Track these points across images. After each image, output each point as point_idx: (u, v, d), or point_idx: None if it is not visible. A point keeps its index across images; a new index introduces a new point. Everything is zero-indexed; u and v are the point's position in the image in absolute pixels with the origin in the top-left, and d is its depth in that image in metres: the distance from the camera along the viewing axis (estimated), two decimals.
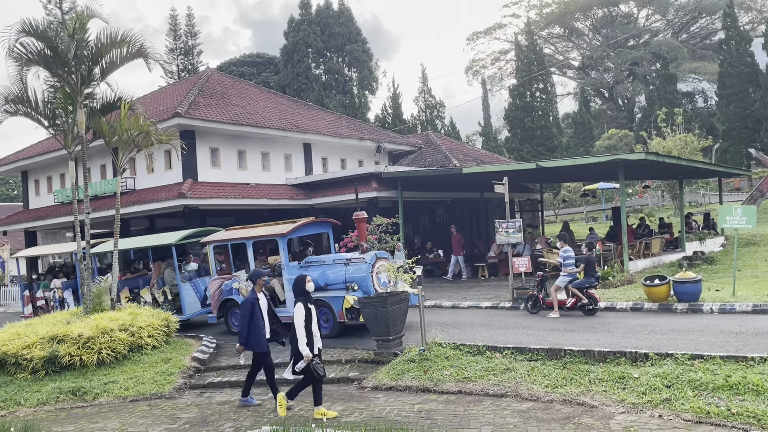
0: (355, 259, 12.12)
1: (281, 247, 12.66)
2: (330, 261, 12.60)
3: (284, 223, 13.28)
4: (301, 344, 7.52)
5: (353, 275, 11.85)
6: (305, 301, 7.74)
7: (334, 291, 11.96)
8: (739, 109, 43.03)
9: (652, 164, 17.86)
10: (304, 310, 7.62)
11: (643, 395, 7.05)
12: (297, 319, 7.59)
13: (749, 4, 61.75)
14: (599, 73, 66.84)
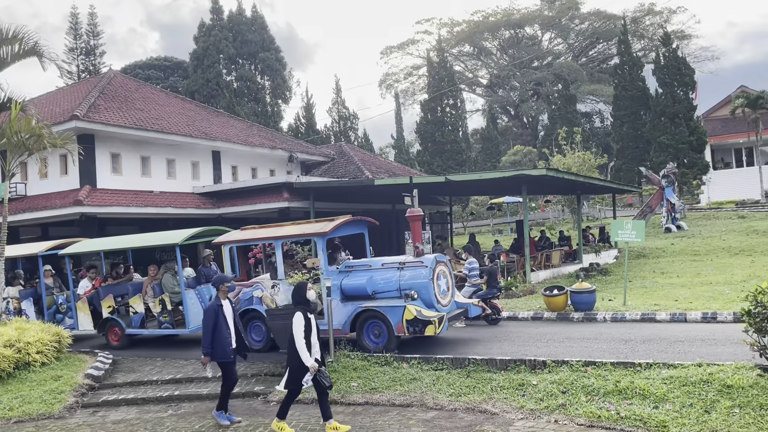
0: (411, 263, 10.66)
1: (320, 248, 10.94)
2: (378, 265, 11.00)
3: (322, 221, 11.59)
4: (303, 355, 7.06)
5: (411, 281, 10.33)
6: (305, 310, 7.30)
7: (386, 300, 10.39)
8: (631, 130, 46.09)
9: (552, 180, 18.79)
10: (304, 319, 7.18)
11: (541, 401, 7.34)
12: (296, 330, 7.13)
13: (642, 33, 66.47)
14: (506, 92, 69.62)
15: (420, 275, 10.37)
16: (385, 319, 10.20)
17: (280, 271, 11.22)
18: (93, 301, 13.37)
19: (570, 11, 67.44)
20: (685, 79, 43.52)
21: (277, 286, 11.07)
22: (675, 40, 55.24)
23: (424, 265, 10.49)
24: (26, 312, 14.26)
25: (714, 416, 6.16)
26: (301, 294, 7.47)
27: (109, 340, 13.20)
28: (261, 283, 11.44)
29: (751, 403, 6.23)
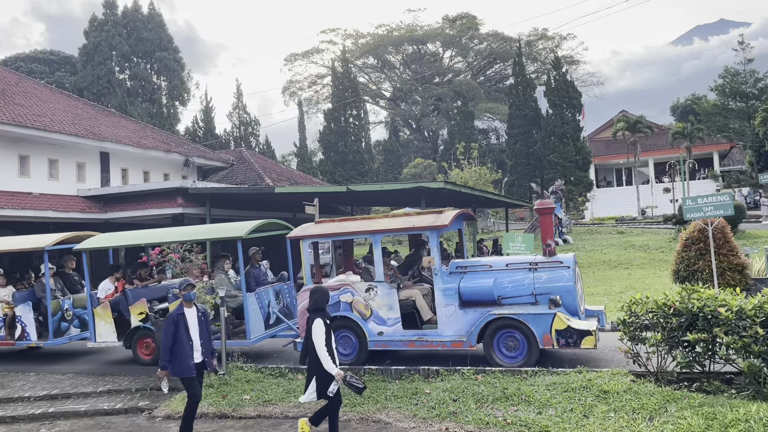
0: (547, 263, 9.19)
1: (434, 244, 9.48)
2: (501, 265, 9.53)
3: (432, 213, 10.19)
4: (327, 364, 6.44)
5: (550, 285, 8.90)
6: (324, 316, 6.65)
7: (518, 306, 8.97)
8: (524, 148, 48.42)
9: (450, 193, 19.32)
10: (324, 326, 6.55)
11: (433, 409, 7.45)
12: (317, 337, 6.47)
13: (535, 56, 70.26)
14: (408, 106, 71.07)
15: (562, 277, 8.94)
16: (525, 329, 8.68)
17: (379, 271, 9.73)
18: (117, 306, 11.30)
19: (470, 31, 70.13)
20: (573, 102, 46.39)
21: (373, 289, 9.63)
22: (565, 64, 58.82)
23: (565, 265, 9.09)
24: (22, 320, 11.85)
25: (592, 420, 6.51)
26: (325, 300, 6.75)
27: (138, 354, 11.06)
28: (351, 287, 9.86)
29: (625, 407, 6.64)
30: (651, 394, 6.81)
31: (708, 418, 5.96)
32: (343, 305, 9.73)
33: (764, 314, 6.51)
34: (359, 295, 9.69)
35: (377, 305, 9.53)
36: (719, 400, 6.40)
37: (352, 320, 9.64)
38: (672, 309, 7.15)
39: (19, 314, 11.88)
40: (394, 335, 9.43)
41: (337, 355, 9.23)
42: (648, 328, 7.45)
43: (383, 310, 9.50)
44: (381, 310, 9.52)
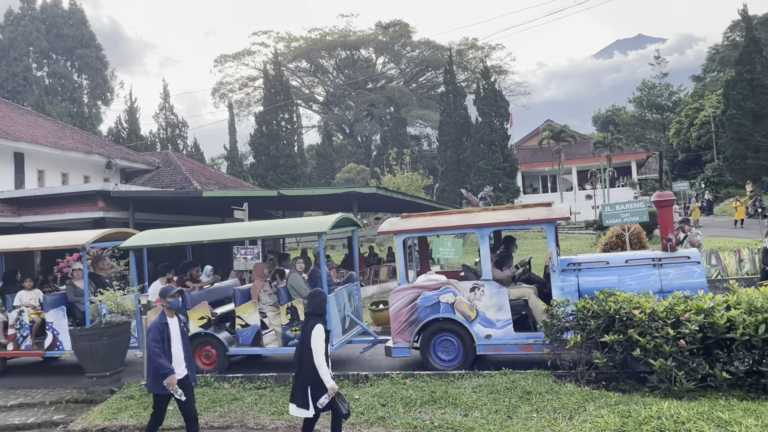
0: (671, 259, 8.50)
1: (551, 238, 8.95)
2: (619, 261, 8.77)
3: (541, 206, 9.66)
4: (324, 374, 6.02)
5: (680, 281, 8.18)
6: (324, 322, 6.23)
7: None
8: (454, 154, 49.34)
9: (382, 198, 19.44)
10: (325, 332, 6.14)
11: (362, 415, 7.44)
12: (317, 344, 6.03)
13: (466, 65, 71.83)
14: (341, 110, 71.09)
15: (692, 273, 8.32)
16: None
17: (486, 267, 9.04)
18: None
19: (402, 38, 70.94)
20: (501, 111, 47.71)
21: (479, 288, 8.97)
22: (493, 74, 60.43)
23: (694, 260, 8.44)
24: (54, 327, 10.58)
25: (515, 421, 6.68)
26: (320, 302, 6.32)
27: (197, 363, 9.84)
28: (454, 286, 9.13)
29: (547, 407, 6.86)
30: (571, 394, 7.06)
31: (623, 416, 6.23)
32: (444, 306, 9.03)
33: (675, 316, 6.88)
34: (463, 295, 9.00)
35: (484, 306, 8.88)
36: (634, 399, 6.71)
37: (455, 323, 8.96)
38: (591, 311, 7.44)
39: (51, 320, 10.60)
40: (505, 338, 8.75)
41: (438, 361, 9.03)
42: (568, 330, 7.73)
43: (491, 310, 8.85)
44: (489, 310, 8.86)
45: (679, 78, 73.78)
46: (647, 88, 68.98)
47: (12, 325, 10.84)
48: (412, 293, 9.29)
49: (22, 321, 10.77)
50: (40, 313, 10.93)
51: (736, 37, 58.05)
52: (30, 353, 10.90)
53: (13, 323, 10.82)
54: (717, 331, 6.57)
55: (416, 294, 9.25)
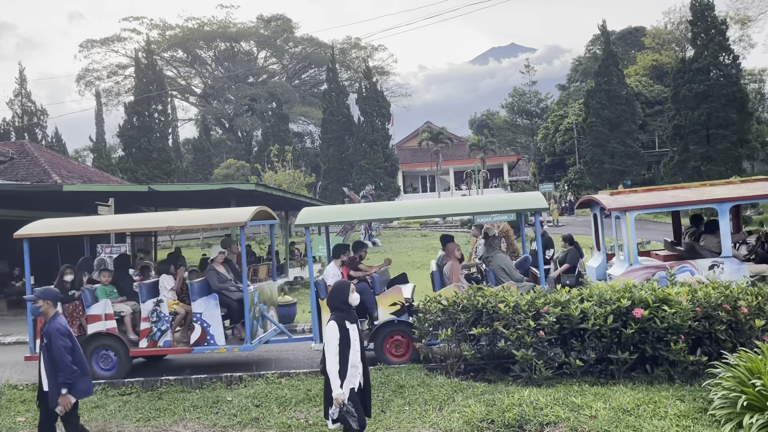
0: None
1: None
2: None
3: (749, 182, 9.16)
4: (332, 380, 5.19)
5: None
6: (342, 318, 5.36)
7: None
8: (337, 153, 49.53)
9: (261, 195, 19.04)
10: (339, 331, 5.27)
11: (234, 417, 7.25)
12: (328, 344, 5.27)
13: (349, 64, 72.27)
14: (221, 104, 68.90)
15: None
16: None
17: (726, 244, 8.57)
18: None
19: (285, 33, 70.05)
20: (383, 111, 48.57)
21: (719, 266, 8.50)
22: (375, 74, 61.33)
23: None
24: (204, 319, 9.14)
25: (388, 414, 6.81)
26: (340, 297, 5.48)
27: (385, 354, 8.94)
28: (690, 264, 8.55)
29: (418, 399, 7.05)
30: (441, 386, 7.31)
31: (489, 404, 6.56)
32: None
33: (535, 309, 7.34)
34: (701, 273, 8.50)
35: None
36: (499, 388, 7.07)
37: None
38: (460, 306, 7.75)
39: (199, 311, 9.29)
40: None
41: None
42: (441, 325, 7.99)
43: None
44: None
45: (547, 86, 78.87)
46: (518, 94, 73.11)
47: (146, 318, 9.41)
48: (646, 273, 8.85)
49: (160, 312, 9.40)
50: (177, 303, 9.76)
51: (597, 50, 63.06)
52: (170, 350, 9.52)
53: (148, 315, 9.39)
54: (572, 322, 7.08)
55: (650, 273, 8.85)
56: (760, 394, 5.25)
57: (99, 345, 9.36)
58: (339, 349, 5.23)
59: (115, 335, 9.34)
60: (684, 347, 6.62)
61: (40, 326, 8.60)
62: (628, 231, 8.96)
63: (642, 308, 6.79)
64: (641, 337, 6.82)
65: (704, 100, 39.56)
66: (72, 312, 9.50)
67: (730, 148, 39.09)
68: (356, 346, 5.34)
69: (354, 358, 5.30)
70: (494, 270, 9.35)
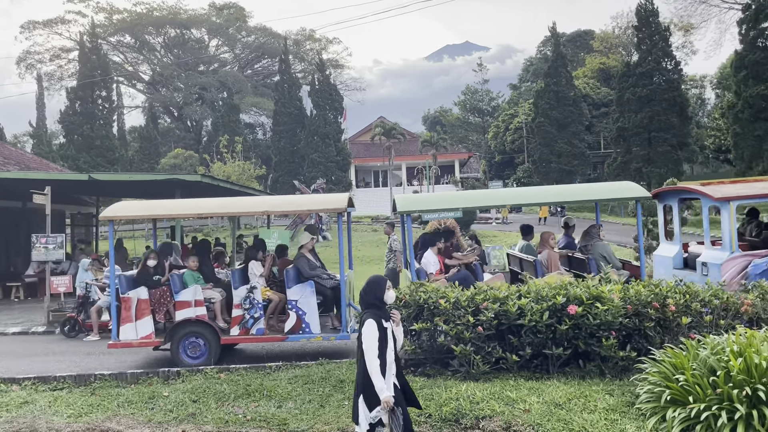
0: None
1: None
2: None
3: None
4: (376, 381, 4.76)
5: None
6: (378, 316, 4.98)
7: None
8: (288, 145, 49.06)
9: (208, 187, 18.65)
10: (378, 329, 4.90)
11: (170, 412, 7.12)
12: (368, 343, 4.85)
13: (302, 56, 71.58)
14: (169, 92, 67.17)
15: None
16: None
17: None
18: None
19: (237, 22, 68.80)
20: (336, 105, 48.36)
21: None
22: (329, 67, 60.96)
23: None
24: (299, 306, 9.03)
25: (327, 409, 6.80)
26: (376, 291, 5.10)
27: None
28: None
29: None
30: None
31: (426, 399, 6.63)
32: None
33: (475, 305, 7.45)
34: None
35: None
36: (437, 383, 7.16)
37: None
38: (402, 301, 7.81)
39: (294, 298, 9.06)
40: None
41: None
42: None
43: None
44: None
45: (499, 85, 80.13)
46: (471, 92, 74.05)
47: (238, 305, 9.13)
48: (744, 260, 8.96)
49: (253, 299, 9.15)
50: (270, 290, 9.63)
51: (547, 52, 64.43)
52: (263, 338, 9.22)
53: (240, 302, 9.13)
54: (510, 317, 7.22)
55: (747, 261, 8.95)
56: (683, 389, 5.47)
57: (188, 332, 9.10)
58: (379, 350, 4.86)
59: (205, 322, 9.14)
60: (615, 343, 6.85)
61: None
62: (731, 220, 9.11)
63: (576, 305, 6.98)
64: (575, 333, 7.02)
65: (647, 104, 40.98)
66: (159, 298, 9.36)
67: (670, 150, 40.62)
68: (392, 345, 5.06)
69: (390, 358, 5.00)
70: (595, 257, 9.65)
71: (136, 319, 9.09)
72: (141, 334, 9.09)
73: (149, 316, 9.14)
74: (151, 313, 9.17)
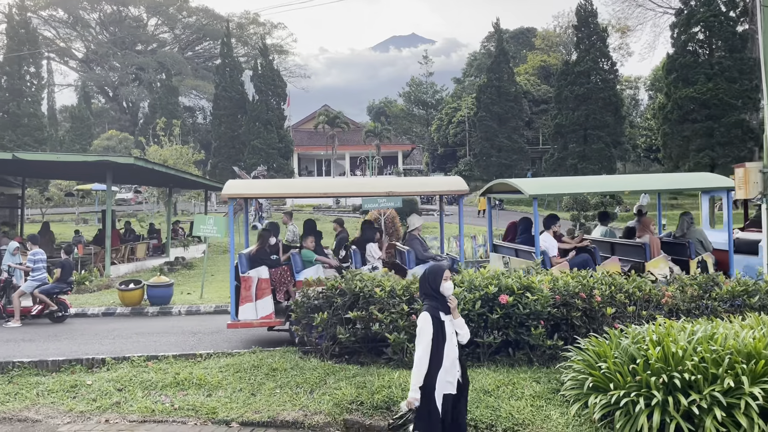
0: None
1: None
2: None
3: None
4: (414, 376, 4.45)
5: None
6: (435, 308, 4.59)
7: None
8: (228, 130, 48.01)
9: (142, 170, 18.07)
10: (432, 323, 4.51)
11: (94, 402, 6.87)
12: (421, 337, 4.49)
13: (246, 39, 70.08)
14: (104, 71, 64.56)
15: None
16: None
17: None
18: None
19: (179, 1, 66.69)
20: (279, 91, 47.59)
21: None
22: (273, 52, 59.94)
23: None
24: None
25: (259, 398, 6.72)
26: (431, 283, 4.71)
27: None
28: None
29: (290, 383, 7.01)
30: (315, 369, 7.31)
31: (359, 386, 6.64)
32: None
33: (410, 294, 7.50)
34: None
35: None
36: (371, 371, 7.18)
37: None
38: (338, 290, 7.78)
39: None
40: None
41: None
42: (318, 309, 7.98)
43: None
44: None
45: (443, 79, 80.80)
46: (415, 84, 74.38)
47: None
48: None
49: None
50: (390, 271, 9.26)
51: (491, 48, 65.38)
52: None
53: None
54: None
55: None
56: (605, 377, 5.68)
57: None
58: (433, 346, 4.49)
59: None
60: (543, 332, 7.04)
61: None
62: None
63: (507, 295, 7.14)
64: (505, 322, 7.18)
65: (583, 102, 42.26)
66: (279, 277, 9.16)
67: (604, 148, 42.05)
68: (453, 341, 4.62)
69: (452, 355, 4.59)
70: (694, 241, 10.28)
71: (256, 299, 8.90)
72: (261, 313, 8.91)
73: (269, 296, 8.98)
74: (271, 293, 9.01)
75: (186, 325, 10.89)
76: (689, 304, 7.50)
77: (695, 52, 37.39)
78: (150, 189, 35.54)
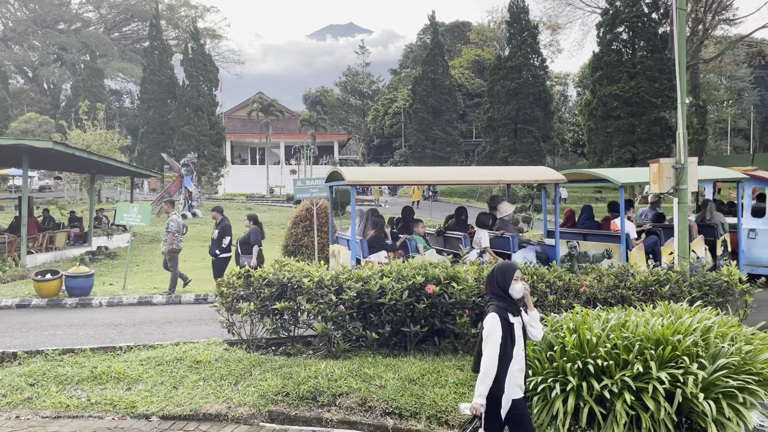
0: None
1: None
2: None
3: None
4: (480, 381, 4.10)
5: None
6: (503, 309, 4.21)
7: None
8: (157, 116, 46.43)
9: (62, 155, 17.21)
10: (501, 325, 4.15)
11: (3, 397, 6.53)
12: (489, 341, 4.13)
13: (177, 22, 67.78)
14: (23, 50, 61.01)
15: None
16: None
17: None
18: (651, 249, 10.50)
19: None
20: (211, 76, 46.35)
21: None
22: (205, 36, 58.26)
23: None
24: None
25: (181, 391, 6.55)
26: (500, 282, 4.36)
27: None
28: None
29: (214, 375, 6.88)
30: (240, 361, 7.20)
31: (285, 377, 6.59)
32: None
33: (339, 284, 7.49)
34: None
35: None
36: (297, 361, 7.13)
37: None
38: (266, 280, 7.67)
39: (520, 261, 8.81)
40: None
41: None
42: (244, 299, 7.85)
43: None
44: None
45: (380, 69, 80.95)
46: (352, 74, 74.18)
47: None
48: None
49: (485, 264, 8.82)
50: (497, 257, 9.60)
51: (427, 40, 65.91)
52: None
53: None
54: (371, 296, 7.34)
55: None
56: None
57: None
58: (501, 348, 4.19)
59: None
60: (467, 321, 7.19)
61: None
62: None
63: (434, 285, 7.24)
64: (432, 311, 7.28)
65: (514, 97, 43.30)
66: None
67: (533, 142, 43.28)
68: (521, 344, 4.36)
69: (520, 358, 4.34)
70: (718, 225, 11.76)
71: None
72: None
73: None
74: None
75: (106, 318, 10.48)
76: (606, 293, 7.82)
77: (619, 51, 38.94)
78: (71, 175, 33.92)
